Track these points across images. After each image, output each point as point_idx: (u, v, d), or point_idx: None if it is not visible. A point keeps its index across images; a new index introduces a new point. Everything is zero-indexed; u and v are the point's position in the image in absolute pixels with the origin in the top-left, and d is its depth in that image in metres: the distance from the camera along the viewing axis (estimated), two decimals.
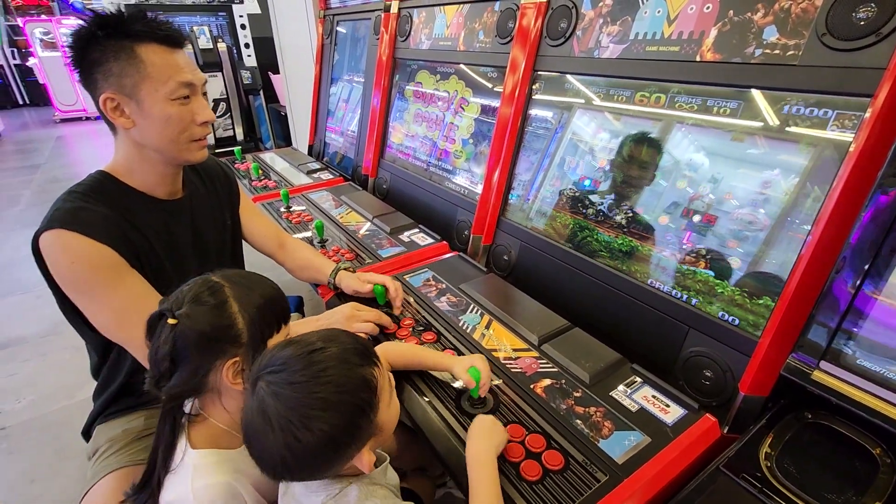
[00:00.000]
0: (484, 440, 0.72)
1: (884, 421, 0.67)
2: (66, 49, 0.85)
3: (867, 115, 0.71)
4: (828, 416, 0.77)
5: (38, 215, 3.93)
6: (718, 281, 0.92)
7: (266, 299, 0.75)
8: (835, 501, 0.64)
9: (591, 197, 1.17)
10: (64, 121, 7.54)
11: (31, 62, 7.74)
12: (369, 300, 1.16)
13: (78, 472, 1.64)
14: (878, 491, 0.65)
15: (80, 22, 0.83)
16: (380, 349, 0.90)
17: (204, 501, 0.67)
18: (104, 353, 1.01)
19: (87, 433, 1.09)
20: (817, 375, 0.74)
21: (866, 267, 0.69)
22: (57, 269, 0.84)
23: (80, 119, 7.60)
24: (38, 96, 8.28)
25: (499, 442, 0.74)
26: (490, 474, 0.68)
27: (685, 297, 0.96)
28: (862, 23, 0.72)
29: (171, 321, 0.67)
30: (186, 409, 0.76)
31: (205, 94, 0.96)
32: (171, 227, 0.99)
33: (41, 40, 7.21)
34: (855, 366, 0.71)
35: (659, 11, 1.02)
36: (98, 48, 0.83)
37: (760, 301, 0.86)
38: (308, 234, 1.55)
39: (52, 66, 7.23)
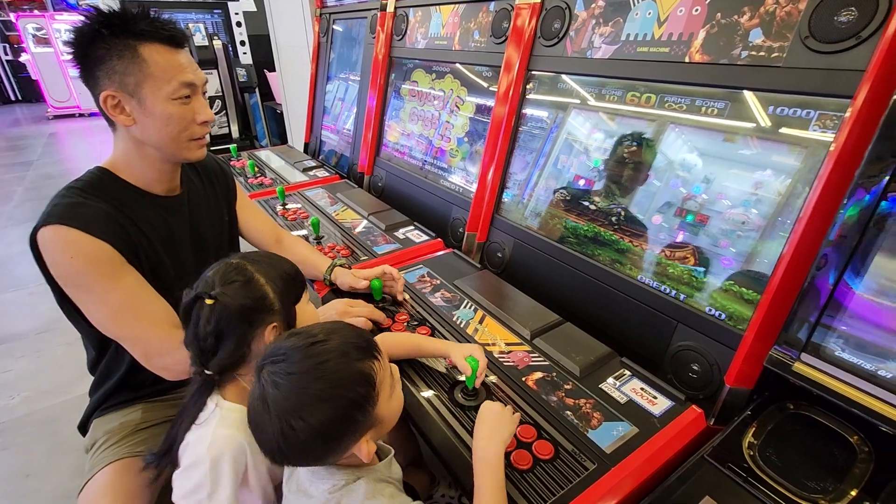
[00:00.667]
0: (489, 434, 0.73)
1: (861, 410, 0.70)
2: (68, 45, 0.86)
3: (847, 115, 0.73)
4: (808, 407, 0.79)
5: (30, 212, 3.91)
6: (706, 277, 0.94)
7: (285, 272, 0.82)
8: (815, 488, 0.67)
9: (583, 195, 1.19)
10: (57, 117, 7.48)
11: (23, 58, 7.67)
12: (365, 296, 1.18)
13: (73, 468, 1.65)
14: (855, 478, 0.68)
15: (82, 18, 0.84)
16: (377, 339, 0.92)
17: (217, 447, 0.72)
18: (102, 348, 1.02)
19: (83, 427, 1.10)
20: (798, 367, 0.76)
21: (845, 263, 0.72)
22: (55, 265, 0.85)
23: (73, 116, 7.54)
24: (31, 92, 8.20)
25: (508, 433, 0.74)
26: (496, 476, 0.69)
27: (674, 292, 0.98)
28: (843, 26, 0.75)
29: (209, 301, 0.72)
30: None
31: (205, 93, 0.97)
32: (169, 224, 1.00)
33: (34, 36, 7.14)
34: (834, 358, 0.74)
35: (650, 13, 1.04)
36: (102, 46, 0.84)
37: (745, 296, 0.88)
38: (304, 231, 1.56)
39: (44, 62, 7.16)
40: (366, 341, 0.67)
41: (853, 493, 0.66)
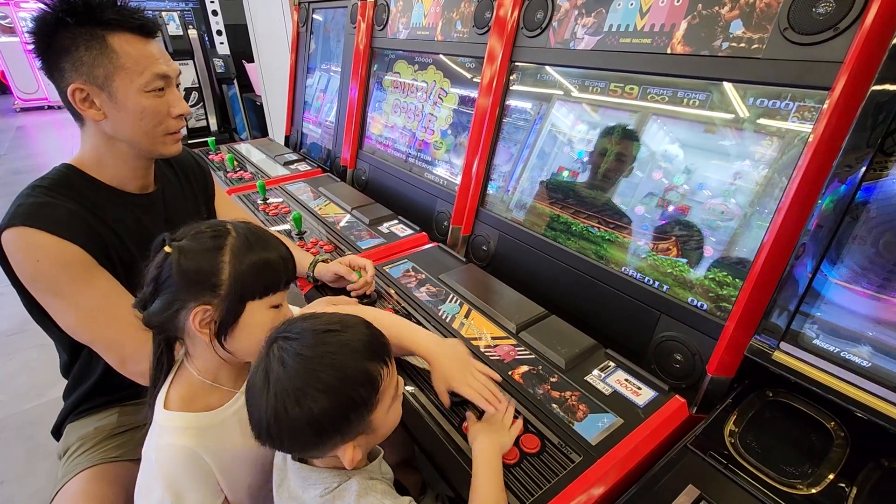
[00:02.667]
0: (487, 439, 0.73)
1: (837, 397, 0.72)
2: (29, 35, 0.81)
3: (825, 106, 0.74)
4: (787, 394, 0.81)
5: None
6: (689, 268, 0.95)
7: (262, 262, 0.71)
8: (793, 473, 0.68)
9: (567, 187, 1.19)
10: (24, 110, 7.19)
11: None
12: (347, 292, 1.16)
13: (49, 473, 1.60)
14: (832, 462, 0.70)
15: (43, 6, 0.79)
16: (368, 312, 0.91)
17: (163, 459, 0.68)
18: (74, 352, 0.98)
19: (57, 432, 1.06)
20: (777, 356, 0.78)
21: (822, 252, 0.73)
22: (21, 268, 0.81)
23: (41, 108, 7.26)
24: None
25: (506, 441, 0.74)
26: (491, 473, 0.69)
27: (657, 284, 0.99)
28: (821, 17, 0.75)
29: (166, 248, 0.68)
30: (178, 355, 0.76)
31: (178, 85, 0.93)
32: (144, 222, 0.96)
33: None
34: (812, 346, 0.76)
35: (632, 4, 1.03)
36: (67, 36, 0.79)
37: (727, 286, 0.89)
38: (286, 226, 1.53)
39: (10, 52, 6.86)
40: (379, 344, 0.65)
41: (830, 476, 0.68)
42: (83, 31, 0.79)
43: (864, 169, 0.69)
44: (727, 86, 0.90)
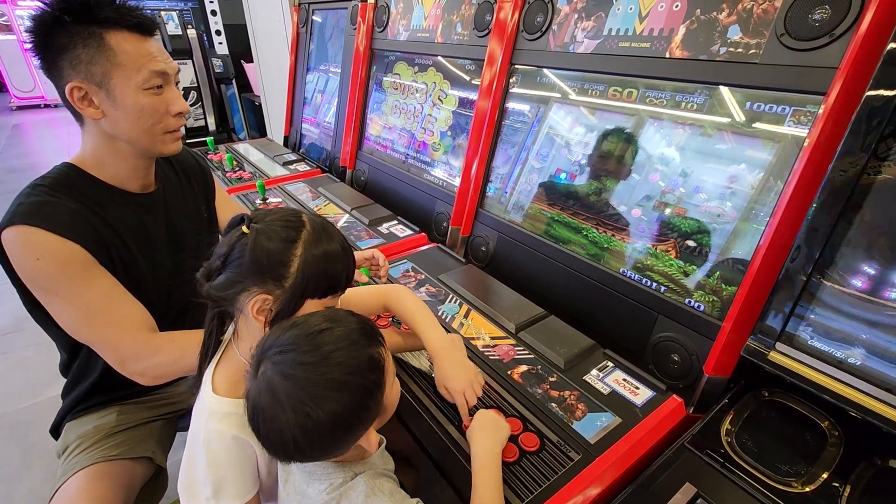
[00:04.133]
0: (488, 437, 0.73)
1: (832, 396, 0.73)
2: (27, 34, 0.81)
3: (820, 111, 0.75)
4: (782, 394, 0.82)
5: None
6: (686, 269, 0.96)
7: (330, 266, 0.72)
8: (788, 472, 0.70)
9: (566, 189, 1.20)
10: (21, 108, 7.15)
11: None
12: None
13: (46, 472, 1.59)
14: (826, 461, 0.71)
15: (41, 5, 0.79)
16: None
17: (212, 444, 0.69)
18: (74, 351, 0.98)
19: (55, 431, 1.06)
20: (773, 356, 0.79)
21: (817, 255, 0.74)
22: (21, 267, 0.81)
23: (38, 106, 7.22)
24: None
25: (502, 437, 0.75)
26: (494, 476, 0.69)
27: (654, 285, 1.00)
28: (817, 24, 0.77)
29: (244, 229, 0.68)
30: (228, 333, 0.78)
31: (177, 83, 0.93)
32: (145, 222, 0.96)
33: None
34: (807, 346, 0.77)
35: (631, 8, 1.05)
36: (65, 34, 0.79)
37: (724, 288, 0.90)
38: None
39: (6, 49, 6.82)
40: (369, 327, 0.65)
41: (824, 475, 0.69)
42: (80, 30, 0.79)
43: (858, 173, 0.70)
44: (724, 90, 0.91)
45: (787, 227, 0.78)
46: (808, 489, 0.67)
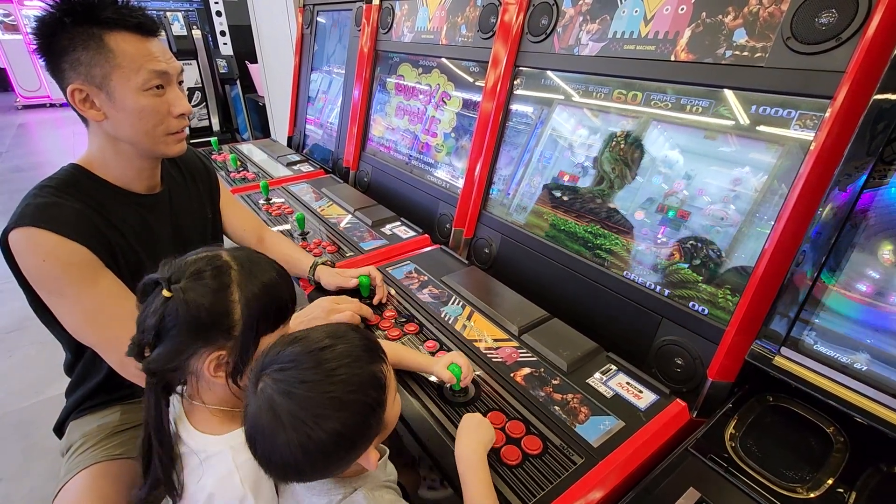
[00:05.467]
0: (472, 440, 0.73)
1: (837, 402, 0.72)
2: (31, 36, 0.81)
3: (826, 115, 0.75)
4: (787, 399, 0.82)
5: (0, 206, 3.76)
6: (690, 273, 0.96)
7: (271, 293, 0.69)
8: (793, 477, 0.69)
9: (570, 192, 1.20)
10: (26, 107, 7.19)
11: None
12: (350, 291, 1.17)
13: (48, 471, 1.60)
14: (832, 467, 0.70)
15: (45, 6, 0.79)
16: None
17: (248, 474, 0.65)
18: (78, 351, 0.98)
19: (59, 430, 1.06)
20: (778, 361, 0.79)
21: (823, 259, 0.74)
22: (27, 268, 0.81)
23: (43, 106, 7.27)
24: None
25: (487, 439, 0.74)
26: (482, 476, 0.68)
27: (658, 288, 1.00)
28: (824, 27, 0.76)
29: (165, 293, 0.62)
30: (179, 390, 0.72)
31: (181, 83, 0.92)
32: (150, 223, 0.96)
33: (1, 22, 6.84)
34: (812, 351, 0.76)
35: (636, 11, 1.05)
36: (66, 36, 0.79)
37: (728, 292, 0.90)
38: (288, 226, 1.54)
39: (13, 49, 6.87)
40: (372, 343, 0.64)
41: (829, 481, 0.68)
42: (81, 31, 0.79)
43: (864, 177, 0.70)
44: (730, 93, 0.91)
45: (793, 231, 0.78)
46: (813, 495, 0.66)
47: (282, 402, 0.56)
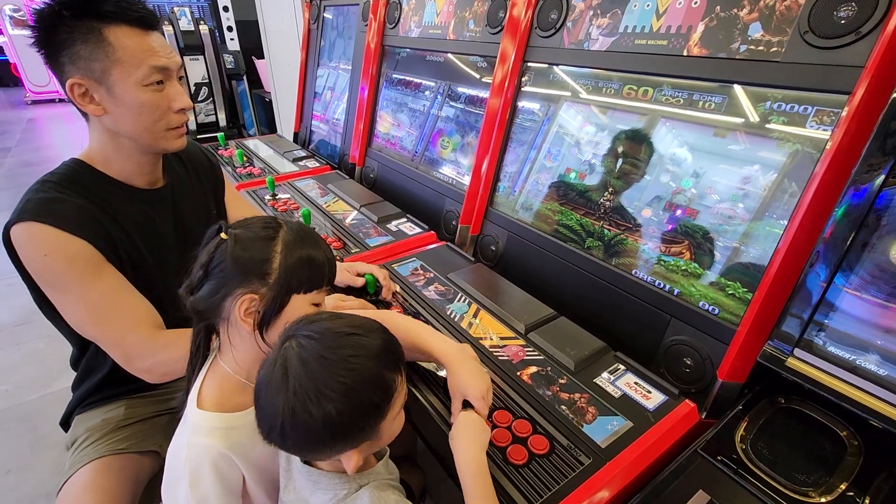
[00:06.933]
0: (471, 443, 0.71)
1: (851, 405, 0.71)
2: (30, 29, 0.80)
3: (844, 112, 0.73)
4: (800, 401, 0.80)
5: (8, 200, 3.79)
6: (700, 272, 0.94)
7: (310, 257, 0.73)
8: (805, 481, 0.68)
9: (578, 189, 1.18)
10: (36, 102, 7.25)
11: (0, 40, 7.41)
12: (357, 289, 1.16)
13: (55, 463, 1.61)
14: (845, 471, 0.69)
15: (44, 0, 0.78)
16: (380, 315, 0.91)
17: (193, 458, 0.68)
18: (83, 345, 0.98)
19: (65, 423, 1.07)
20: (791, 362, 0.77)
21: (839, 259, 0.72)
22: (29, 263, 0.81)
23: (52, 101, 7.32)
24: (8, 76, 7.94)
25: (484, 439, 0.73)
26: (483, 481, 0.68)
27: (667, 287, 0.99)
28: (843, 21, 0.75)
29: (222, 235, 0.69)
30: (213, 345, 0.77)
31: (181, 78, 0.91)
32: (153, 218, 0.96)
33: (11, 17, 6.89)
34: (826, 353, 0.75)
35: (648, 5, 1.03)
36: (64, 29, 0.78)
37: (739, 292, 0.88)
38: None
39: (22, 44, 6.91)
40: (396, 353, 0.65)
41: (842, 486, 0.67)
42: (80, 25, 0.78)
43: (882, 176, 0.68)
44: (744, 89, 0.89)
45: (807, 231, 0.76)
46: (825, 500, 0.65)
47: (296, 367, 0.58)
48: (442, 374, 0.90)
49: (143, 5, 0.84)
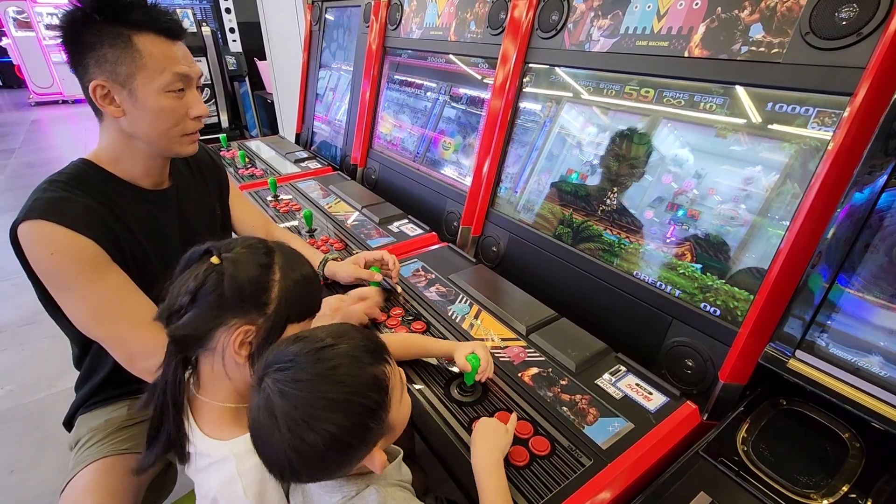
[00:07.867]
0: (487, 446, 0.72)
1: (853, 407, 0.71)
2: (56, 29, 0.82)
3: (846, 113, 0.73)
4: (801, 403, 0.80)
5: (12, 201, 3.81)
6: (701, 273, 0.94)
7: (305, 282, 0.71)
8: (807, 483, 0.67)
9: (579, 190, 1.18)
10: (39, 104, 7.29)
11: (3, 42, 7.44)
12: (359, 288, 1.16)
13: (59, 463, 1.62)
14: (847, 473, 0.69)
15: (74, 2, 0.80)
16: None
17: (251, 484, 0.65)
18: (86, 345, 0.99)
19: (69, 423, 1.07)
20: (793, 364, 0.77)
21: (841, 261, 0.72)
22: (36, 262, 0.81)
23: (56, 102, 7.36)
24: (12, 78, 7.98)
25: (503, 444, 0.73)
26: (497, 482, 0.68)
27: (669, 288, 0.99)
28: (844, 23, 0.74)
29: (214, 259, 0.64)
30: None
31: (199, 87, 0.94)
32: (158, 219, 0.97)
33: (14, 20, 6.93)
34: (828, 355, 0.75)
35: (649, 6, 1.03)
36: (94, 32, 0.80)
37: (741, 293, 0.88)
38: (295, 223, 1.54)
39: (26, 46, 6.96)
40: (376, 344, 0.63)
41: (844, 488, 0.66)
42: (109, 29, 0.80)
43: (884, 177, 0.68)
44: (745, 90, 0.89)
45: (809, 232, 0.76)
46: (827, 502, 0.65)
47: (278, 401, 0.55)
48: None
49: (171, 16, 0.86)
